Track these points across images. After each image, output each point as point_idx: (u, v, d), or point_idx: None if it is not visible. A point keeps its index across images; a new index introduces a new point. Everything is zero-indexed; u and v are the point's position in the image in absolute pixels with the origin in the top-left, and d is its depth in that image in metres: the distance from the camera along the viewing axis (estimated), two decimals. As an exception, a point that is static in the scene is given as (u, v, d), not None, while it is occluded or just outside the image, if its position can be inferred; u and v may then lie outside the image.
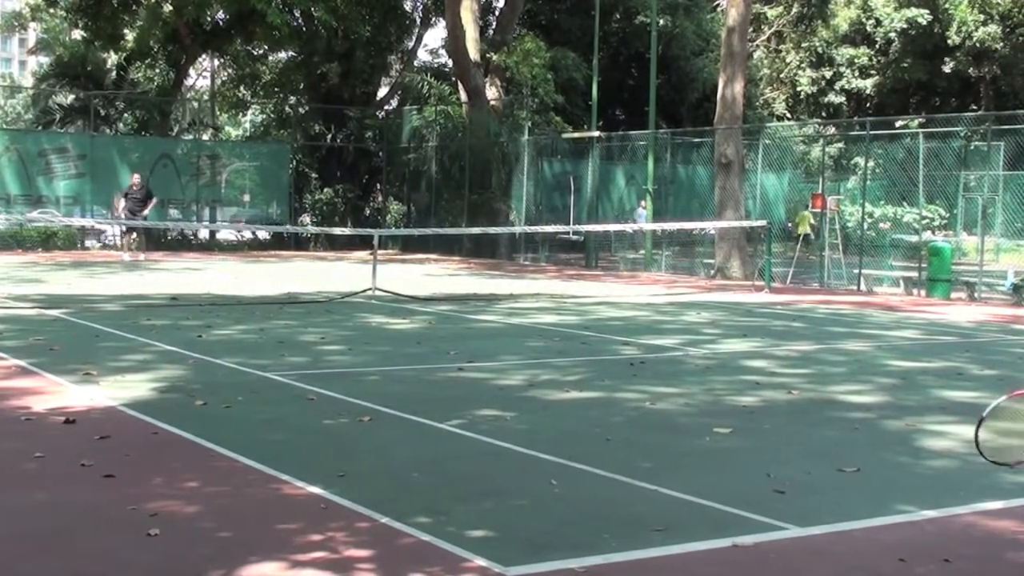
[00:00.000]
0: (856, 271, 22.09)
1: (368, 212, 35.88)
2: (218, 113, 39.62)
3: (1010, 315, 17.01)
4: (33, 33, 53.39)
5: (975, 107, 42.99)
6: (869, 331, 14.03)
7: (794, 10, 45.40)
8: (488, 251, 30.25)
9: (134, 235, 26.64)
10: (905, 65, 43.48)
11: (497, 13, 37.95)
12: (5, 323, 12.27)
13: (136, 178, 27.12)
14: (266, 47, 37.07)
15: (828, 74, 45.83)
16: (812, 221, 23.68)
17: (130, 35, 34.90)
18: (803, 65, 46.62)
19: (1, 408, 7.47)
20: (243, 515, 5.12)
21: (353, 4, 32.55)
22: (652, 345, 11.85)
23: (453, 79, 33.81)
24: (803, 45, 46.23)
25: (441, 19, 35.69)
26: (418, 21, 39.36)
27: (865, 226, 23.99)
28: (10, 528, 4.85)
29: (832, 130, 35.12)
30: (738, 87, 24.60)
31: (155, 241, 29.95)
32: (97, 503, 5.25)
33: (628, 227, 27.79)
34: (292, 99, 37.88)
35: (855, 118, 40.28)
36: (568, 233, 29.87)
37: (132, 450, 6.33)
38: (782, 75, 47.72)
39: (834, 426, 7.60)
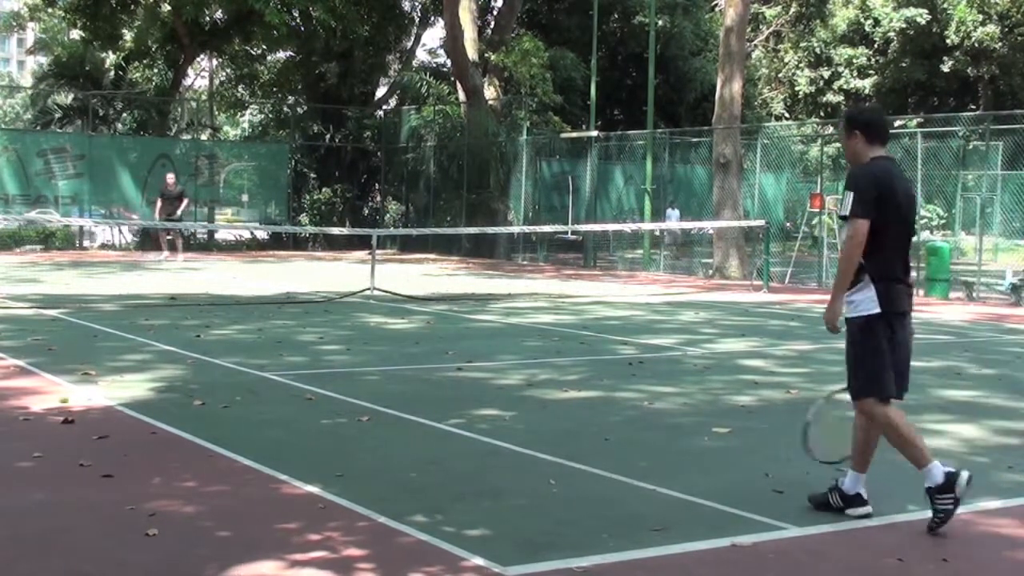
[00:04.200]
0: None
1: (366, 212, 35.89)
2: (216, 113, 39.61)
3: (1008, 315, 17.01)
4: (31, 33, 53.38)
5: (973, 107, 43.02)
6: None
7: (792, 10, 45.44)
8: (486, 251, 30.26)
9: (169, 236, 26.44)
10: (903, 65, 43.51)
11: (495, 13, 37.96)
12: (3, 323, 12.26)
13: (170, 178, 26.84)
14: (264, 47, 37.05)
15: (826, 74, 45.86)
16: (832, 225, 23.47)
17: (128, 35, 34.88)
18: (801, 65, 46.64)
19: (-1, 408, 7.48)
20: (241, 515, 5.13)
21: (351, 4, 32.52)
22: (650, 345, 11.86)
23: (451, 79, 33.81)
24: (801, 45, 46.25)
25: (439, 19, 35.69)
26: (416, 21, 39.37)
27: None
28: (9, 528, 4.85)
29: (830, 130, 35.05)
30: (736, 87, 24.61)
31: (153, 241, 29.96)
32: (96, 503, 5.25)
33: (627, 227, 27.81)
34: (290, 99, 37.89)
35: (853, 118, 40.19)
36: (566, 233, 29.88)
37: (131, 450, 6.33)
38: (780, 75, 47.74)
39: (832, 426, 7.58)
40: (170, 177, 26.92)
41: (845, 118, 5.60)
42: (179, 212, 26.10)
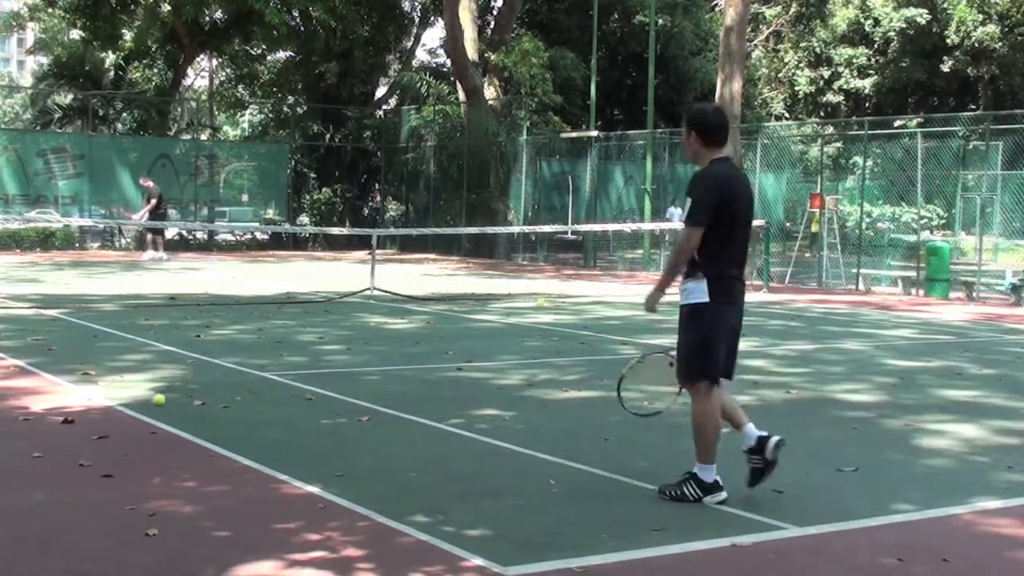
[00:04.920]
0: (855, 271, 22.09)
1: (366, 212, 35.89)
2: (216, 113, 39.62)
3: (1008, 315, 17.02)
4: (31, 33, 53.41)
5: (973, 107, 43.02)
6: (867, 330, 14.03)
7: (792, 10, 45.43)
8: (486, 251, 30.25)
9: (149, 237, 26.64)
10: (903, 65, 43.50)
11: (495, 13, 37.97)
12: (3, 323, 12.26)
13: (141, 182, 27.41)
14: (264, 47, 37.08)
15: (826, 74, 45.85)
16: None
17: (128, 35, 34.91)
18: (801, 65, 46.64)
19: (-1, 408, 7.47)
20: (241, 515, 5.12)
21: (351, 3, 32.53)
22: (650, 344, 11.82)
23: (451, 79, 33.81)
24: (801, 45, 46.24)
25: (439, 19, 35.69)
26: (416, 21, 39.37)
27: (863, 226, 24.01)
28: (9, 528, 4.85)
29: (830, 130, 35.12)
30: (736, 86, 24.61)
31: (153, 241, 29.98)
32: (95, 503, 5.24)
33: (626, 227, 27.81)
34: (290, 99, 37.89)
35: (853, 118, 40.29)
36: (566, 233, 29.88)
37: (130, 450, 6.33)
38: (780, 75, 47.73)
39: (833, 426, 7.60)
40: (141, 182, 27.25)
41: (686, 118, 5.76)
42: (144, 213, 26.36)
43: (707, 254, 5.42)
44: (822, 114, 45.91)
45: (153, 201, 26.27)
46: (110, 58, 36.26)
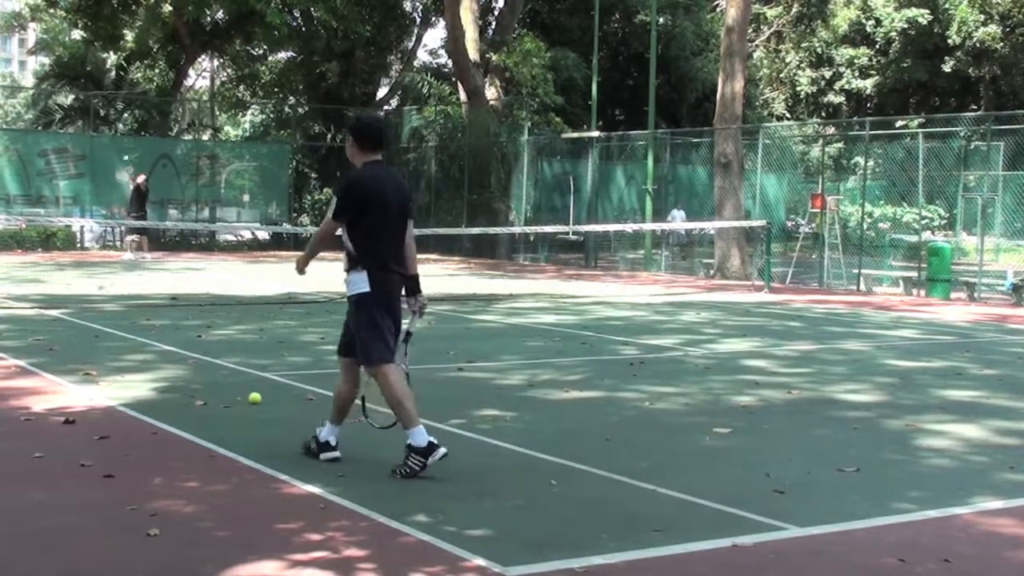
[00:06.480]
0: (856, 271, 22.09)
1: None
2: (218, 113, 39.63)
3: (1010, 315, 17.01)
4: (33, 33, 53.43)
5: (975, 107, 43.01)
6: (868, 331, 14.03)
7: (794, 10, 45.42)
8: (487, 251, 30.25)
9: (133, 237, 26.61)
10: (905, 65, 43.50)
11: (497, 13, 37.97)
12: (5, 323, 12.27)
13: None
14: (265, 47, 37.09)
15: (828, 74, 45.84)
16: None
17: (130, 35, 34.93)
18: (803, 65, 46.63)
19: (1, 408, 7.46)
20: (242, 515, 5.12)
21: (352, 4, 32.54)
22: (651, 345, 11.85)
23: (453, 79, 33.82)
24: (803, 45, 46.24)
25: (441, 19, 35.71)
26: (418, 21, 39.40)
27: (865, 226, 24.00)
28: (9, 528, 4.85)
29: (831, 130, 35.13)
30: (737, 86, 24.60)
31: (155, 241, 29.99)
32: (97, 503, 5.24)
33: (628, 227, 27.82)
34: (291, 99, 37.89)
35: (855, 118, 40.28)
36: (567, 233, 29.88)
37: (132, 450, 6.33)
38: (782, 75, 47.73)
39: (834, 426, 7.59)
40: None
41: (347, 126, 6.35)
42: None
43: (363, 249, 5.97)
44: (823, 114, 45.91)
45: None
46: (111, 58, 36.27)
